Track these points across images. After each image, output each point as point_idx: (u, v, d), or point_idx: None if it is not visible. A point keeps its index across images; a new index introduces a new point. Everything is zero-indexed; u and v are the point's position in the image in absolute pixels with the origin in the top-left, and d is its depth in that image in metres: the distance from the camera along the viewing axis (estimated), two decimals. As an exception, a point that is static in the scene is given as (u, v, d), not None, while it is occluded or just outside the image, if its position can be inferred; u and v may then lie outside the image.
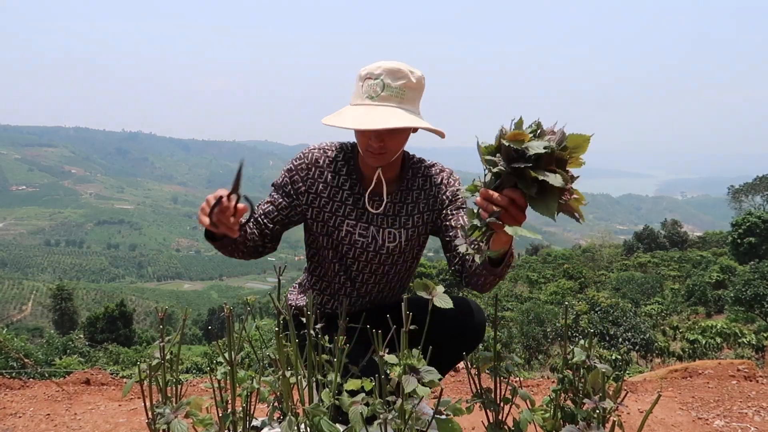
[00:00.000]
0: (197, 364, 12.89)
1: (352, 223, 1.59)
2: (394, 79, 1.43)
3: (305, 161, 1.59)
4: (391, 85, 1.43)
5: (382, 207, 1.60)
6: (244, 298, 1.27)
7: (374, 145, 1.46)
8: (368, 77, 1.45)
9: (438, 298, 1.06)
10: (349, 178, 1.60)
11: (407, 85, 1.44)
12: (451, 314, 1.30)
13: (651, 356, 16.07)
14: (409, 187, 1.64)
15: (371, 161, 1.51)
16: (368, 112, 1.42)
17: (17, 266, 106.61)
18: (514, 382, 1.23)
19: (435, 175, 1.66)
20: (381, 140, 1.45)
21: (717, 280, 26.75)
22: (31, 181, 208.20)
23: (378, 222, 1.61)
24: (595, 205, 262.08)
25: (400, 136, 1.49)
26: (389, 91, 1.43)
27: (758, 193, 46.16)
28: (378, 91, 1.43)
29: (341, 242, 1.60)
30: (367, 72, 1.46)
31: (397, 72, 1.43)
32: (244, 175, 1.32)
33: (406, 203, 1.63)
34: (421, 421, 0.98)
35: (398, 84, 1.43)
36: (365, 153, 1.51)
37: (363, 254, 1.61)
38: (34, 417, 2.22)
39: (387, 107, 1.43)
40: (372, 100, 1.44)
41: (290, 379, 1.08)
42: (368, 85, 1.45)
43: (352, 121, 1.41)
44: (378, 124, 1.38)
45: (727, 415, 2.27)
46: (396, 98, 1.43)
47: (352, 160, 1.62)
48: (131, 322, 29.65)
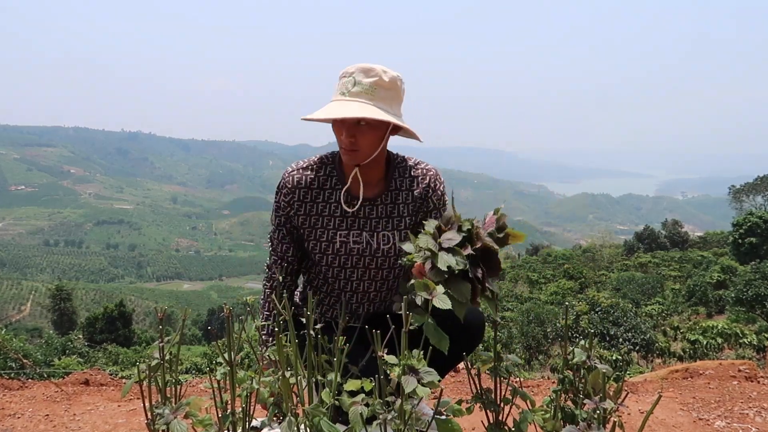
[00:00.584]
0: (197, 365, 12.89)
1: (345, 233, 1.60)
2: (366, 77, 1.48)
3: (287, 187, 1.61)
4: (362, 82, 1.47)
5: (357, 206, 1.60)
6: (244, 299, 1.27)
7: (345, 141, 1.49)
8: (343, 75, 1.51)
9: (438, 299, 1.06)
10: (334, 190, 1.61)
11: (378, 83, 1.48)
12: (450, 314, 1.29)
13: (651, 357, 16.08)
14: (397, 187, 1.64)
15: (345, 158, 1.54)
16: (338, 106, 1.47)
17: (16, 266, 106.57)
18: (514, 383, 1.23)
19: (421, 175, 1.66)
20: (352, 135, 1.48)
21: (718, 280, 26.75)
22: (30, 181, 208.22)
23: (371, 226, 1.61)
24: (595, 205, 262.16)
25: (371, 134, 1.50)
26: (360, 87, 1.47)
27: (759, 193, 46.14)
28: (349, 88, 1.48)
29: (337, 254, 1.61)
30: (343, 71, 1.52)
31: (370, 71, 1.48)
32: (244, 175, 1.33)
33: (396, 204, 1.63)
34: (421, 422, 0.97)
35: (369, 81, 1.47)
36: (341, 150, 1.55)
37: (360, 261, 1.62)
38: (33, 417, 2.21)
39: (356, 102, 1.47)
40: (344, 96, 1.49)
41: (290, 380, 1.07)
42: (342, 83, 1.50)
43: (322, 113, 1.47)
44: (338, 114, 1.43)
45: (728, 415, 2.27)
46: (366, 95, 1.47)
47: (335, 170, 1.62)
48: (130, 322, 29.63)
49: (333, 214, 1.60)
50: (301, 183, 1.60)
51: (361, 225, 1.61)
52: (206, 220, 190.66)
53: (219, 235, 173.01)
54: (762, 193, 45.90)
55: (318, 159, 1.64)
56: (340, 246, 1.60)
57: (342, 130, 1.48)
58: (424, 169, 1.67)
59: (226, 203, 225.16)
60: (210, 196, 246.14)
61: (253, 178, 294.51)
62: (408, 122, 1.56)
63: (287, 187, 1.60)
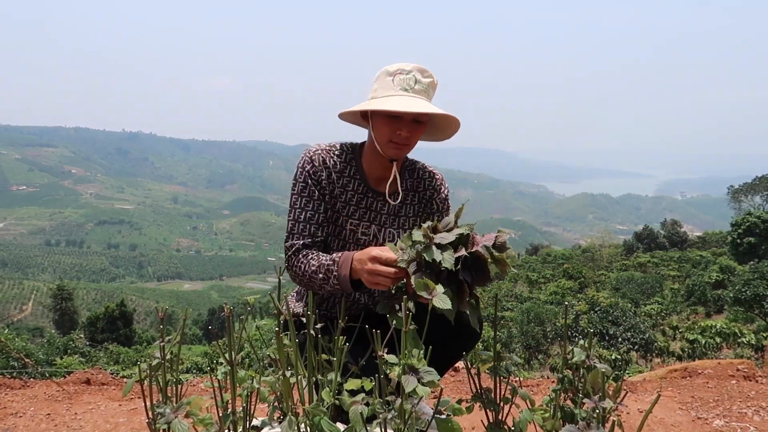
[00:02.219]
0: (197, 364, 12.89)
1: (356, 222, 1.63)
2: (423, 77, 1.53)
3: (315, 163, 1.60)
4: (421, 81, 1.52)
5: (400, 199, 1.65)
6: (244, 298, 1.27)
7: (404, 135, 1.51)
8: (399, 72, 1.52)
9: (437, 299, 1.07)
10: (352, 178, 1.63)
11: (432, 84, 1.55)
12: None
13: (651, 356, 16.09)
14: (406, 187, 1.69)
15: (393, 152, 1.55)
16: (414, 102, 1.48)
17: (17, 266, 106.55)
18: (513, 382, 1.24)
19: (429, 178, 1.72)
20: (410, 131, 1.52)
21: (716, 280, 26.74)
22: (31, 181, 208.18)
23: (380, 221, 1.65)
24: (595, 205, 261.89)
25: (421, 131, 1.56)
26: (420, 86, 1.52)
27: (758, 193, 46.11)
28: (411, 85, 1.51)
29: (347, 241, 1.63)
30: (397, 68, 1.53)
31: (425, 71, 1.54)
32: (244, 175, 1.33)
33: (404, 204, 1.68)
34: (421, 421, 0.98)
35: (427, 81, 1.53)
36: (387, 145, 1.54)
37: None
38: (34, 417, 2.22)
39: (421, 99, 1.51)
40: (407, 92, 1.51)
41: (290, 379, 1.08)
42: (400, 79, 1.52)
43: (399, 104, 1.46)
44: (425, 109, 1.46)
45: (726, 414, 2.27)
46: (425, 93, 1.53)
47: (354, 160, 1.65)
48: (131, 322, 29.63)
49: (348, 201, 1.62)
50: (327, 163, 1.61)
51: (371, 218, 1.64)
52: (207, 220, 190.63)
53: (219, 235, 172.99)
54: (761, 193, 45.88)
55: (339, 145, 1.67)
56: (349, 234, 1.62)
57: (401, 124, 1.51)
58: (431, 173, 1.73)
59: (227, 203, 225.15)
60: (210, 196, 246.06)
61: (254, 178, 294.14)
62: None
63: (315, 164, 1.59)
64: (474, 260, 1.20)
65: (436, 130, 1.65)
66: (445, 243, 1.17)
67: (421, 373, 0.95)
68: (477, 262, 1.20)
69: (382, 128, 1.54)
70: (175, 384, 1.14)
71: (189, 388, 2.68)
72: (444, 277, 1.16)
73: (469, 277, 1.18)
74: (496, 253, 1.20)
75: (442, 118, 1.58)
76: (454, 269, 1.16)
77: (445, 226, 1.23)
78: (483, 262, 1.20)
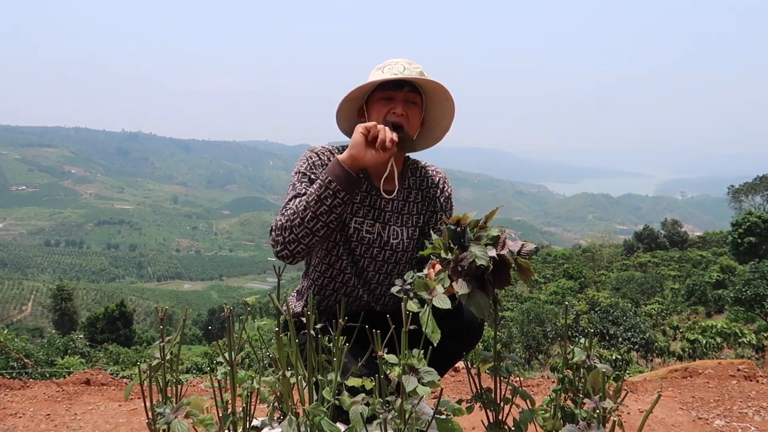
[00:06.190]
0: (197, 364, 12.88)
1: (360, 220, 1.63)
2: (412, 66, 1.60)
3: (320, 156, 1.62)
4: (409, 68, 1.58)
5: (395, 193, 1.65)
6: (244, 299, 1.26)
7: (399, 111, 1.56)
8: (388, 64, 1.60)
9: (437, 298, 1.07)
10: None
11: (420, 73, 1.60)
12: (449, 314, 1.30)
13: (651, 356, 16.09)
14: (410, 186, 1.70)
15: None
16: (398, 75, 1.55)
17: (17, 266, 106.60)
18: (514, 382, 1.24)
19: (432, 176, 1.74)
20: (404, 109, 1.57)
21: (717, 279, 26.75)
22: (31, 182, 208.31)
23: (384, 219, 1.65)
24: (595, 205, 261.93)
25: (418, 113, 1.60)
26: (410, 72, 1.57)
27: (758, 193, 46.12)
28: (401, 71, 1.57)
29: (350, 239, 1.63)
30: (385, 62, 1.61)
31: (412, 62, 1.61)
32: (244, 175, 1.32)
33: (408, 201, 1.69)
34: (421, 421, 0.98)
35: (417, 69, 1.60)
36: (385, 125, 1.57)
37: (369, 250, 1.64)
38: (34, 417, 2.22)
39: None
40: (397, 76, 1.57)
41: (290, 379, 1.08)
42: (389, 68, 1.58)
43: (388, 76, 1.54)
44: (414, 76, 1.54)
45: (727, 414, 2.27)
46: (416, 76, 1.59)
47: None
48: (131, 322, 29.63)
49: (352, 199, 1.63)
50: (331, 159, 1.62)
51: (375, 216, 1.64)
52: (206, 220, 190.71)
53: (219, 235, 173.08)
54: (761, 192, 45.88)
55: (341, 147, 1.69)
56: (353, 232, 1.62)
57: (393, 104, 1.56)
58: (435, 171, 1.75)
59: (227, 203, 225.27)
60: (210, 196, 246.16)
61: (253, 178, 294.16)
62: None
63: (319, 157, 1.62)
64: (499, 263, 1.20)
65: (432, 119, 1.68)
66: (483, 242, 1.17)
67: (421, 373, 0.95)
68: (502, 266, 1.20)
69: (379, 111, 1.58)
70: (175, 384, 1.14)
71: (189, 389, 2.68)
72: (479, 275, 1.15)
73: (492, 278, 1.17)
74: (521, 260, 1.19)
75: (436, 103, 1.64)
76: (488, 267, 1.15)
77: (476, 224, 1.23)
78: (507, 266, 1.20)
